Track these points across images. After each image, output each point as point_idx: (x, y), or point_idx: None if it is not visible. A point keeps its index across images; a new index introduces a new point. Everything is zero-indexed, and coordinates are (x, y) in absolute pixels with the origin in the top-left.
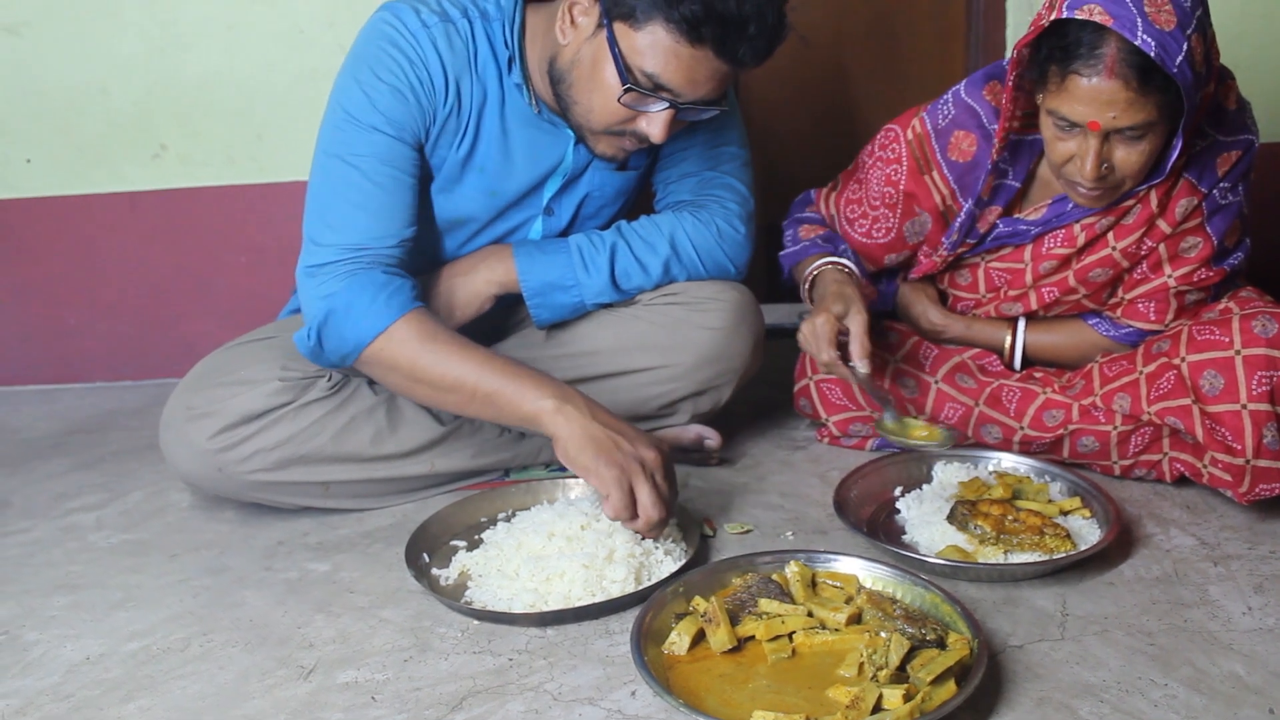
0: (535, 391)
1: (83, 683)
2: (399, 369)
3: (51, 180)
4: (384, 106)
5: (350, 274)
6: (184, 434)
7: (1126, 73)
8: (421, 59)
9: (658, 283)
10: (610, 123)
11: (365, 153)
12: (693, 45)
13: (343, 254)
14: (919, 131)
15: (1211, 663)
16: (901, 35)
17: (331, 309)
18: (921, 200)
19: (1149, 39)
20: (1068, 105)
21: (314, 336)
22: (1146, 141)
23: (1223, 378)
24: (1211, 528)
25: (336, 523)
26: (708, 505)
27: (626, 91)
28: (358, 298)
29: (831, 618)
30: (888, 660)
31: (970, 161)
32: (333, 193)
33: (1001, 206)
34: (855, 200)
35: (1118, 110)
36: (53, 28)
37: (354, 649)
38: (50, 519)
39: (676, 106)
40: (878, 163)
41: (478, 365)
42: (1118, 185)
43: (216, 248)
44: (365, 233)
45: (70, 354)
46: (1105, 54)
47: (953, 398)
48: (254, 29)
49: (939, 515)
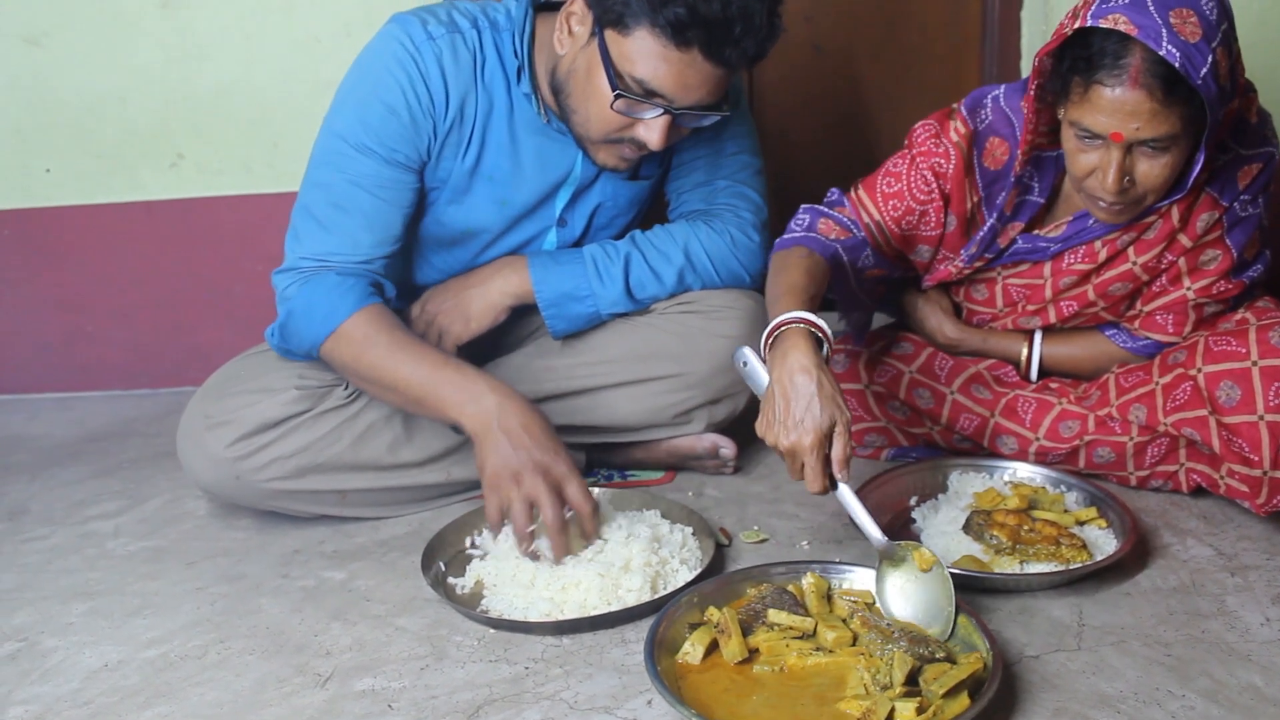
0: (457, 397)
1: (101, 689)
2: (348, 368)
3: (70, 189)
4: (376, 127)
5: (306, 278)
6: (202, 442)
7: (1151, 83)
8: (423, 76)
9: (672, 292)
10: (607, 131)
11: (350, 171)
12: (680, 49)
13: (307, 263)
14: (964, 133)
15: (1229, 674)
16: (916, 44)
17: (290, 310)
18: (955, 204)
19: (1174, 49)
20: (1090, 116)
21: (278, 334)
22: (1169, 155)
23: (1239, 389)
24: (1229, 538)
25: (353, 531)
26: (723, 514)
27: (618, 98)
28: (312, 298)
29: (827, 637)
30: (892, 678)
31: (1000, 170)
32: (311, 205)
33: (1024, 223)
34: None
35: (1141, 121)
36: (72, 38)
37: (371, 657)
38: (69, 526)
39: (672, 112)
40: (922, 157)
41: (409, 367)
42: (1139, 200)
43: (233, 256)
44: (334, 248)
45: (88, 362)
46: (1130, 64)
47: (968, 408)
48: (271, 39)
49: (954, 525)
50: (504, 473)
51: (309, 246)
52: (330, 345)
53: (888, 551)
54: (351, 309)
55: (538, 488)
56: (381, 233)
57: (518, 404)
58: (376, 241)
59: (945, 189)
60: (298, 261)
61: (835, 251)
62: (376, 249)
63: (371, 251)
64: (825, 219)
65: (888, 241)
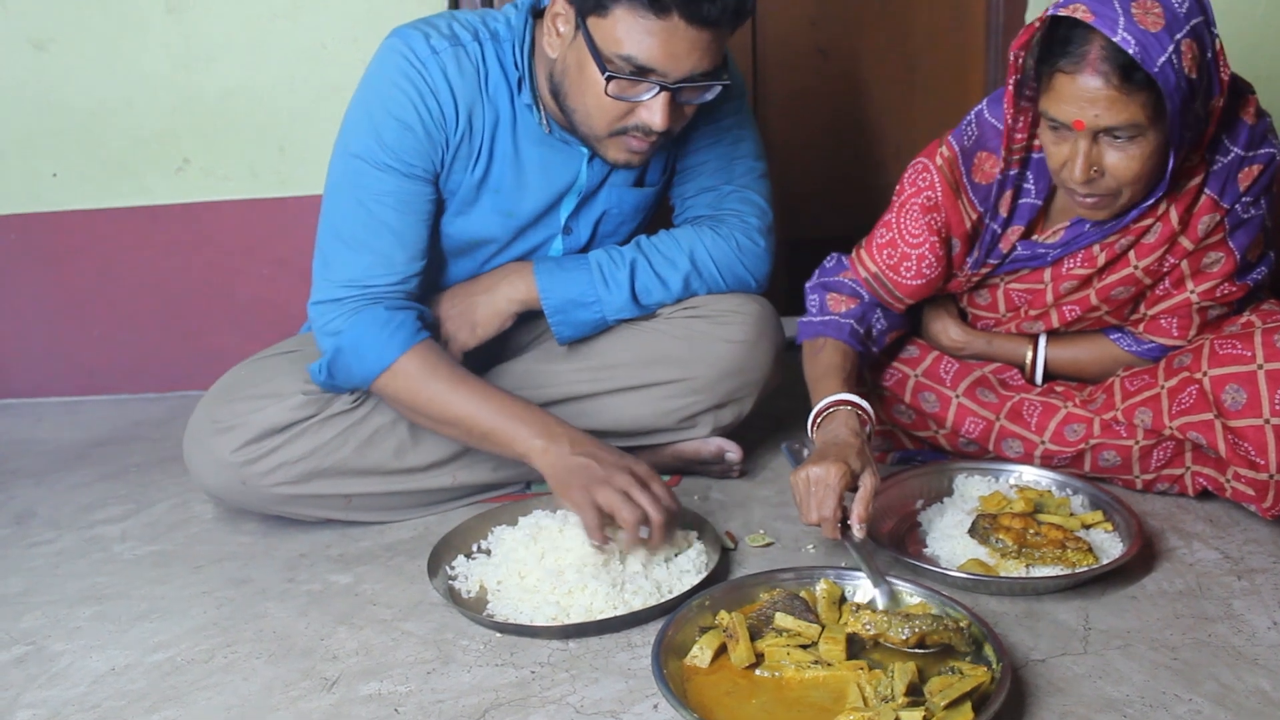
0: (526, 431)
1: (108, 693)
2: (402, 403)
3: (76, 194)
4: (392, 143)
5: (354, 311)
6: (209, 447)
7: (1107, 70)
8: (431, 89)
9: (678, 297)
10: (610, 121)
11: (373, 189)
12: (659, 17)
13: (347, 290)
14: (947, 156)
15: (1236, 678)
16: (920, 49)
17: (339, 347)
18: (954, 227)
19: (1129, 36)
20: (1055, 105)
21: (325, 371)
22: (1137, 146)
23: (1245, 392)
24: (1235, 541)
25: (358, 535)
26: (729, 518)
27: (609, 80)
28: (363, 336)
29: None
30: (893, 690)
31: (992, 183)
32: (339, 229)
33: (1023, 226)
34: (887, 244)
35: (1100, 109)
36: (79, 44)
37: (377, 661)
38: (76, 530)
39: (668, 88)
40: (911, 197)
41: (474, 404)
42: (1114, 193)
43: (239, 260)
44: (369, 270)
45: (94, 366)
46: (1087, 51)
47: (974, 412)
48: (277, 44)
49: (960, 529)
50: (593, 484)
51: (342, 272)
52: (384, 381)
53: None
54: (404, 345)
55: (629, 484)
56: (413, 248)
57: (583, 435)
58: (409, 258)
59: (939, 221)
60: (336, 291)
61: (850, 328)
62: (410, 265)
63: (406, 269)
64: (831, 293)
65: (891, 293)
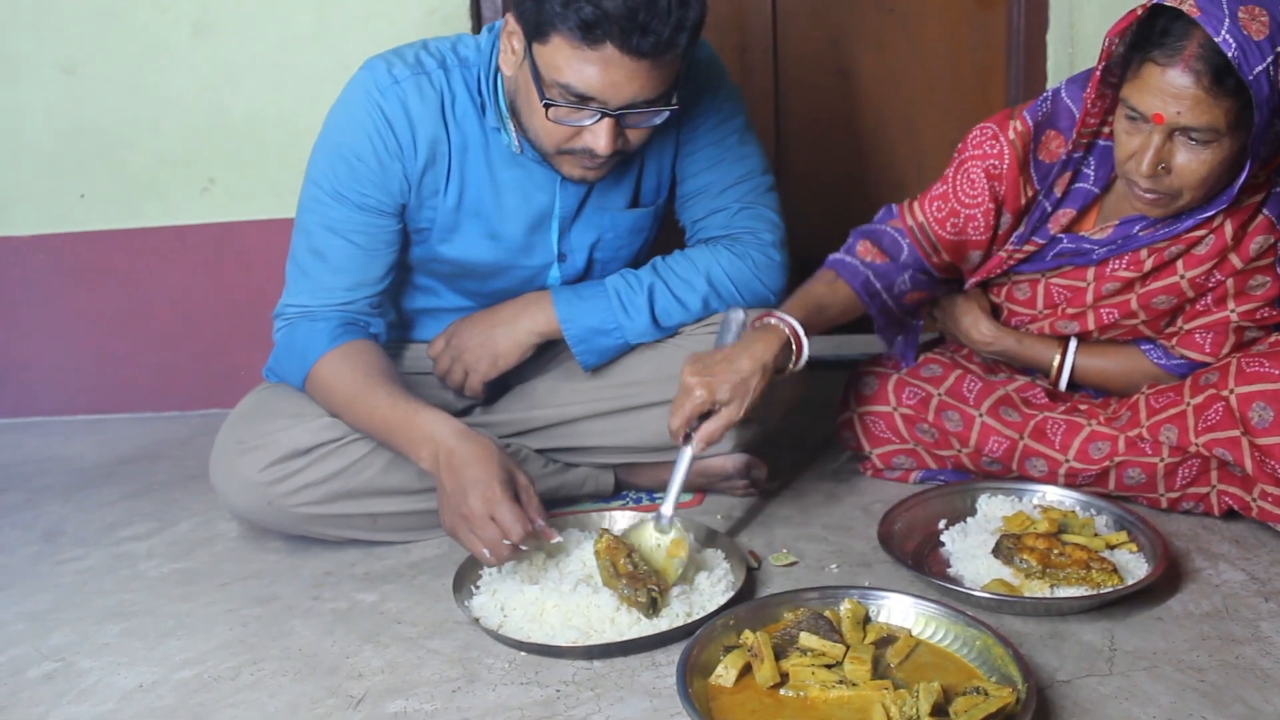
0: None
1: (136, 710)
2: (326, 407)
3: (103, 214)
4: (344, 174)
5: (290, 323)
6: (235, 467)
7: (1200, 69)
8: (388, 120)
9: (699, 317)
10: (556, 143)
11: (325, 216)
12: (592, 47)
13: (290, 309)
14: (1020, 130)
15: (1265, 700)
16: (942, 69)
17: (275, 354)
18: (1010, 201)
19: (1231, 39)
20: (1138, 94)
21: (274, 375)
22: (1210, 151)
23: (1272, 410)
24: (1262, 562)
25: (383, 553)
26: (751, 537)
27: (547, 108)
28: (289, 342)
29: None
30: (918, 710)
31: (1055, 163)
32: (293, 249)
33: (1075, 210)
34: (939, 197)
35: (1184, 106)
36: (107, 67)
37: (402, 679)
38: (103, 547)
39: (609, 114)
40: (974, 159)
41: (370, 412)
42: (1175, 194)
43: (263, 280)
44: (308, 296)
45: (119, 384)
46: (1184, 46)
47: (997, 431)
48: (301, 66)
49: (984, 549)
50: (453, 520)
51: (291, 294)
52: (309, 388)
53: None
54: (320, 351)
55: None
56: (358, 276)
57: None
58: (352, 285)
59: (999, 190)
60: (283, 308)
61: (866, 279)
62: (352, 293)
63: (348, 295)
64: (865, 240)
65: (935, 248)
